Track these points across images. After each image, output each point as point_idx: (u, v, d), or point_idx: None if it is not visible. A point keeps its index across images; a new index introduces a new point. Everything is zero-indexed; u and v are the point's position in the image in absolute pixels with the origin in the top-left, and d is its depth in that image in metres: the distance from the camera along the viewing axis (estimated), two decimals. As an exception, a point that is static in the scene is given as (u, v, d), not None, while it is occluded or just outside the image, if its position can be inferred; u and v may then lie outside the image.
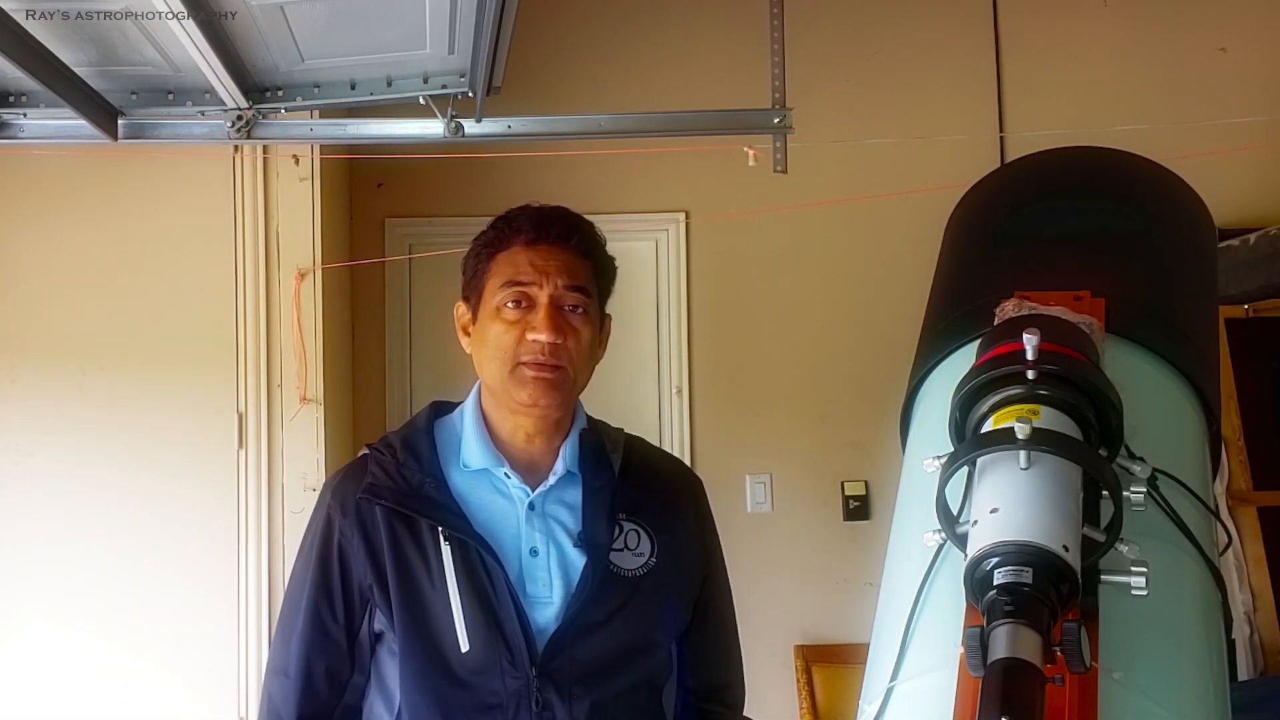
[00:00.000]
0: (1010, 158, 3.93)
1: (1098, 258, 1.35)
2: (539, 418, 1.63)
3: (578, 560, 1.60)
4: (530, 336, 1.58)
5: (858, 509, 4.05)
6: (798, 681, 3.85)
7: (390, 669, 1.59)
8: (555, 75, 3.99)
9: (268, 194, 3.37)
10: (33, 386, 3.32)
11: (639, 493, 1.68)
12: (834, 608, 3.95)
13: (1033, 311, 1.18)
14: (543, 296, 1.59)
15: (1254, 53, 4.23)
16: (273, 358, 3.34)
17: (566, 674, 1.55)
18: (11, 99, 2.52)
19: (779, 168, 2.87)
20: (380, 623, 1.59)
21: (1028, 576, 0.89)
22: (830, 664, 3.83)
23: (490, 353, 1.61)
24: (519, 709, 1.53)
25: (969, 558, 0.94)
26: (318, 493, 1.73)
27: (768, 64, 2.82)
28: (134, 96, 2.53)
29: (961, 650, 0.88)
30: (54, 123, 2.59)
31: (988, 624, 0.87)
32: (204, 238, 3.35)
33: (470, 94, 2.47)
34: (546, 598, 1.58)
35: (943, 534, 1.03)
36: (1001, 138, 4.12)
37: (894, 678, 1.05)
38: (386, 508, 1.59)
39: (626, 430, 1.77)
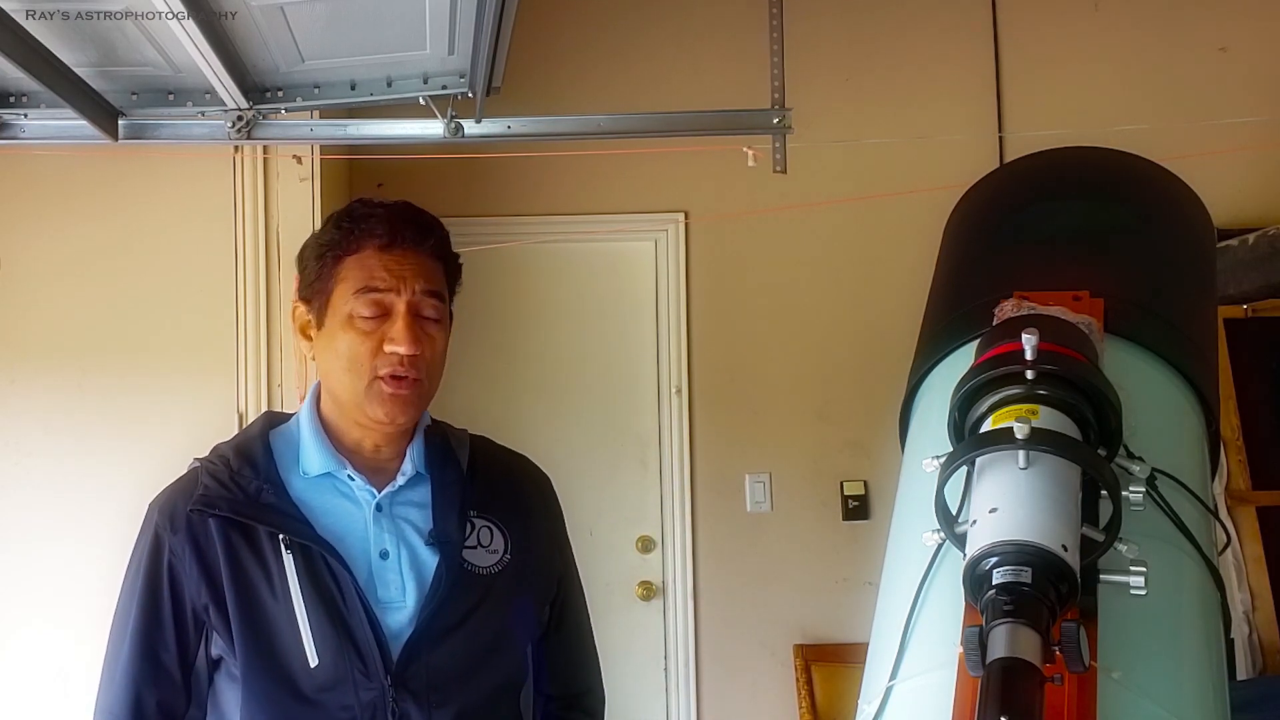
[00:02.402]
0: (1010, 158, 3.93)
1: (1097, 258, 1.35)
2: (391, 432, 1.55)
3: (430, 560, 1.52)
4: (388, 349, 1.49)
5: (857, 509, 4.05)
6: (797, 681, 3.85)
7: (229, 697, 1.49)
8: (555, 75, 3.99)
9: (268, 194, 3.37)
10: (32, 386, 3.32)
11: (488, 488, 1.61)
12: (833, 607, 3.95)
13: (1032, 311, 1.18)
14: (400, 305, 1.50)
15: (1254, 53, 4.24)
16: (273, 357, 3.34)
17: (424, 681, 1.47)
18: (12, 99, 2.52)
19: (778, 168, 2.87)
20: (218, 647, 1.48)
21: (1027, 576, 0.89)
22: (830, 663, 3.83)
23: (343, 364, 1.51)
24: None
25: (968, 557, 0.94)
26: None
27: (767, 64, 2.82)
28: (134, 97, 2.53)
29: (961, 650, 0.88)
30: (54, 123, 2.59)
31: (987, 624, 0.87)
32: (204, 238, 3.35)
33: (470, 94, 2.47)
34: (399, 601, 1.49)
35: (942, 534, 1.03)
36: (1001, 138, 4.12)
37: (893, 677, 1.05)
38: (221, 519, 1.48)
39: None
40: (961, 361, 1.19)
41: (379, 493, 1.55)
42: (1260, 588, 3.86)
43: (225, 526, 1.49)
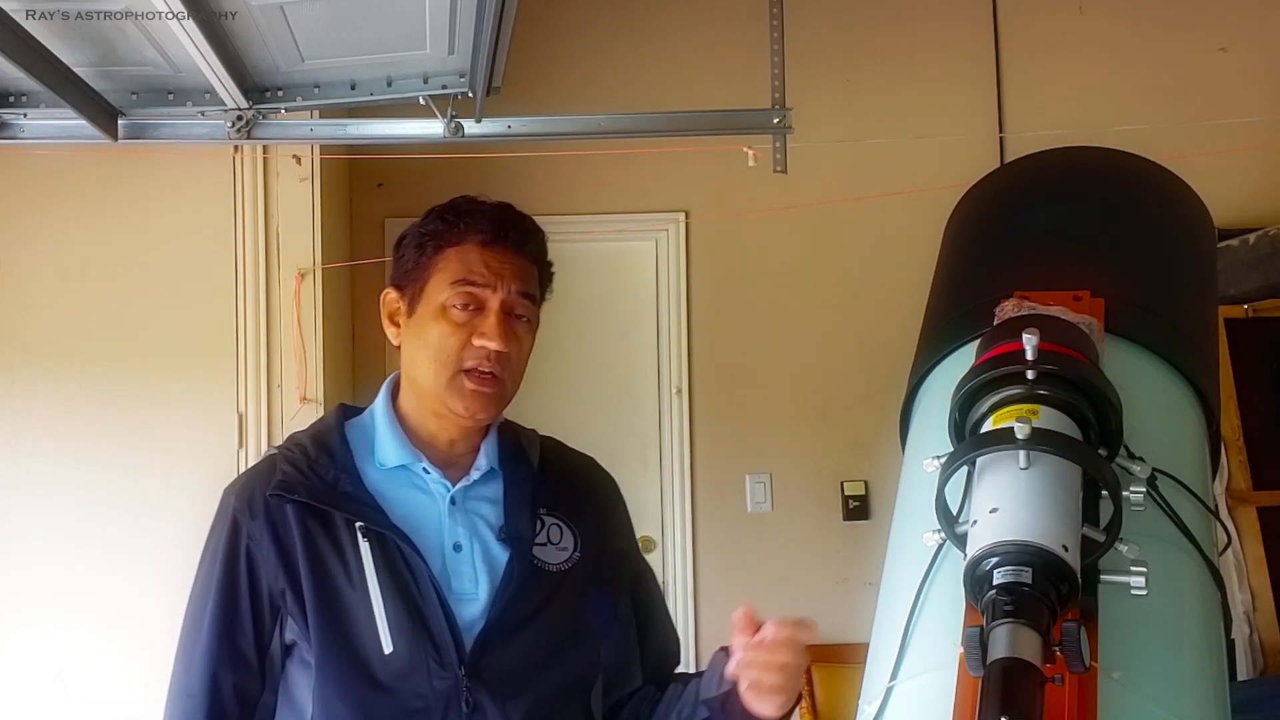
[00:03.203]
0: (1010, 158, 3.93)
1: (1097, 258, 1.35)
2: (468, 427, 1.56)
3: (502, 555, 1.53)
4: (477, 343, 1.50)
5: (857, 509, 4.05)
6: (797, 681, 3.84)
7: (301, 683, 1.49)
8: (555, 75, 3.99)
9: (268, 194, 3.37)
10: (32, 386, 3.32)
11: (558, 487, 1.63)
12: (833, 608, 3.94)
13: (1032, 311, 1.18)
14: (494, 301, 1.51)
15: (1254, 53, 4.24)
16: (273, 358, 3.34)
17: (496, 672, 1.47)
18: (12, 99, 2.52)
19: (779, 168, 2.87)
20: (292, 632, 1.48)
21: (1027, 576, 0.89)
22: (830, 664, 3.82)
23: (430, 353, 1.52)
24: (447, 711, 1.45)
25: (968, 557, 0.94)
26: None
27: (767, 64, 2.82)
28: (134, 96, 2.53)
29: (961, 650, 0.88)
30: (54, 123, 2.59)
31: (987, 624, 0.87)
32: (204, 238, 3.35)
33: (470, 94, 2.47)
34: (472, 593, 1.50)
35: (942, 534, 1.03)
36: (1001, 138, 4.12)
37: (894, 677, 1.05)
38: (299, 505, 1.49)
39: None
40: (962, 361, 1.18)
41: (453, 486, 1.56)
42: (1261, 588, 3.86)
43: (302, 513, 1.50)
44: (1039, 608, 0.87)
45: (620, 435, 4.04)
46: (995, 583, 0.90)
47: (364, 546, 1.46)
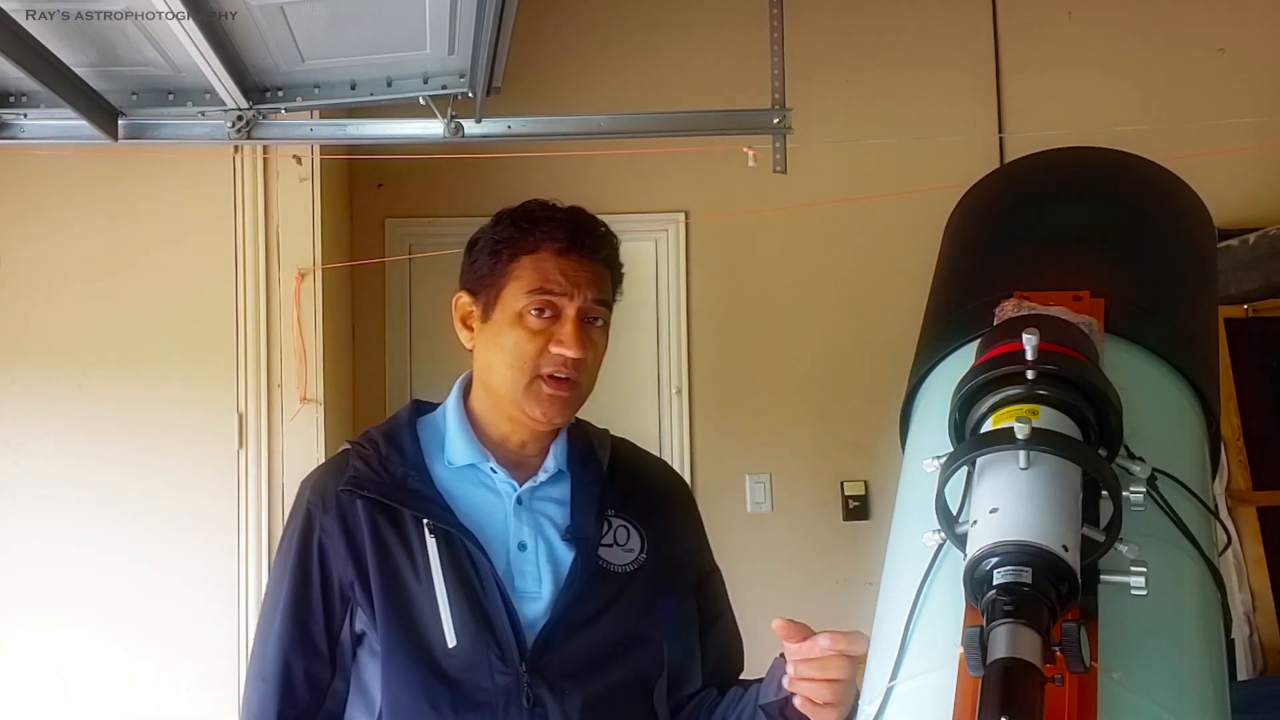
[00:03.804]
0: (1010, 158, 3.93)
1: (1098, 258, 1.35)
2: (542, 431, 1.60)
3: (566, 555, 1.56)
4: (555, 350, 1.53)
5: (857, 509, 4.05)
6: (797, 681, 3.85)
7: (370, 671, 1.54)
8: (555, 75, 3.99)
9: (268, 194, 3.37)
10: (32, 386, 3.32)
11: (627, 489, 1.66)
12: (834, 608, 3.95)
13: (1032, 311, 1.18)
14: (570, 309, 1.54)
15: (1253, 53, 4.24)
16: (273, 358, 3.34)
17: (557, 669, 1.51)
18: (11, 99, 2.52)
19: (779, 168, 2.87)
20: (362, 622, 1.54)
21: (1027, 576, 0.89)
22: (830, 664, 3.82)
23: (507, 359, 1.55)
24: (509, 706, 1.49)
25: (968, 558, 0.94)
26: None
27: (767, 64, 2.82)
28: (134, 97, 2.53)
29: (961, 650, 0.88)
30: (54, 123, 2.59)
31: (987, 624, 0.87)
32: (204, 238, 3.36)
33: (470, 94, 2.47)
34: (535, 592, 1.54)
35: (942, 534, 1.03)
36: (1001, 138, 4.12)
37: (893, 678, 1.05)
38: (369, 501, 1.54)
39: (621, 433, 1.76)
40: (962, 361, 1.18)
41: (520, 486, 1.59)
42: (1261, 588, 3.87)
43: (372, 508, 1.54)
44: (1039, 608, 0.87)
45: (620, 435, 4.04)
46: (995, 583, 0.90)
47: (430, 543, 1.51)
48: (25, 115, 2.57)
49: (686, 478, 4.00)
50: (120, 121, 2.60)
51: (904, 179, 3.79)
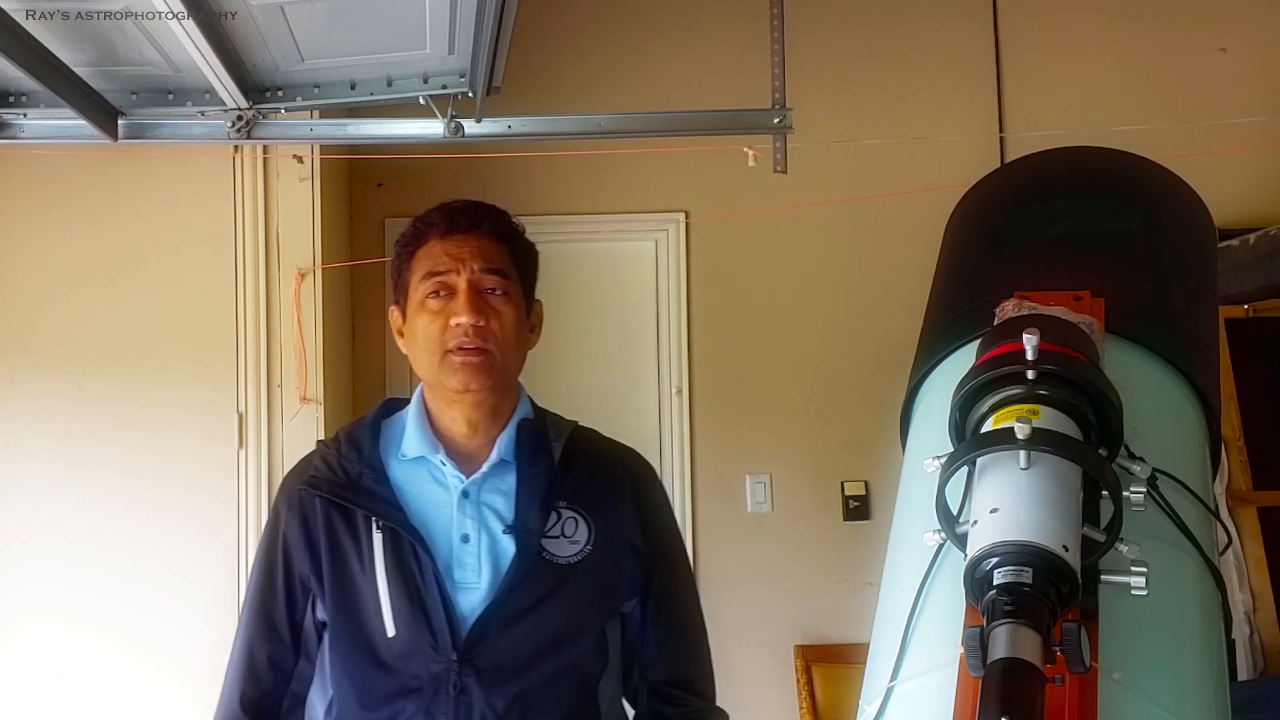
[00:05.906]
0: (1010, 158, 3.93)
1: (1098, 258, 1.35)
2: (473, 404, 1.65)
3: (509, 547, 1.61)
4: (453, 321, 1.61)
5: (857, 509, 4.05)
6: (798, 681, 3.85)
7: (329, 657, 1.64)
8: (555, 75, 3.99)
9: (268, 194, 3.37)
10: (33, 386, 3.32)
11: (581, 480, 1.69)
12: (834, 608, 3.95)
13: (1033, 311, 1.18)
14: (460, 282, 1.62)
15: (1254, 53, 4.24)
16: (273, 358, 3.34)
17: (488, 660, 1.57)
18: (11, 99, 2.52)
19: (779, 168, 2.87)
20: (321, 612, 1.63)
21: (1028, 576, 0.89)
22: (830, 664, 3.82)
23: (421, 345, 1.64)
24: (437, 693, 1.56)
25: (969, 558, 0.94)
26: None
27: (768, 64, 2.82)
28: (134, 96, 2.53)
29: (961, 650, 0.88)
30: (54, 123, 2.59)
31: (987, 624, 0.87)
32: (204, 237, 3.35)
33: (470, 94, 2.47)
34: (474, 583, 1.60)
35: (943, 534, 1.03)
36: (1001, 138, 4.12)
37: (894, 678, 1.05)
38: (324, 499, 1.64)
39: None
40: (962, 362, 1.18)
41: (467, 479, 1.65)
42: (1261, 588, 3.86)
43: (328, 505, 1.65)
44: (1039, 608, 0.87)
45: (620, 435, 4.03)
46: (995, 583, 0.90)
47: (377, 539, 1.60)
48: (25, 115, 2.56)
49: (686, 478, 4.03)
50: (120, 121, 2.60)
51: (904, 179, 3.79)
